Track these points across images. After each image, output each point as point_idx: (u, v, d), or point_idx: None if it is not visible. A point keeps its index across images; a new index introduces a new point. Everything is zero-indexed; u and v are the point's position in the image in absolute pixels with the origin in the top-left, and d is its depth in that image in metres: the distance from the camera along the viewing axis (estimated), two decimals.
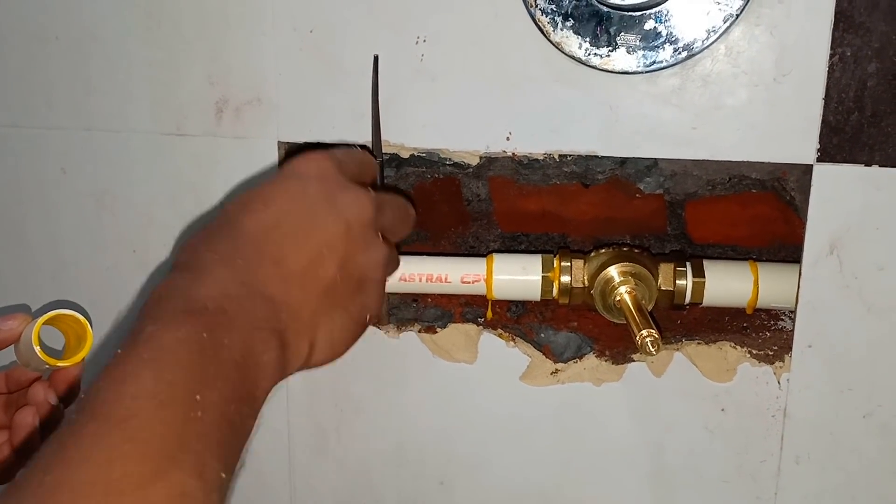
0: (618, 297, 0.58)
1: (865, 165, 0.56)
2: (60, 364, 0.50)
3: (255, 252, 0.42)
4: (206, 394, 0.35)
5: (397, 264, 0.51)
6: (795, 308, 0.59)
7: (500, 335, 0.65)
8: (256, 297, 0.40)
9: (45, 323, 0.50)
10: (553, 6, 0.56)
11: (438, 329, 0.66)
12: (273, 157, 0.64)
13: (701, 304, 0.60)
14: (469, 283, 0.61)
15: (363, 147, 0.62)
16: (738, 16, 0.55)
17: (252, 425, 0.39)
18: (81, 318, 0.50)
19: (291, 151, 0.65)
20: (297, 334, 0.42)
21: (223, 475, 0.35)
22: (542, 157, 0.61)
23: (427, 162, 0.64)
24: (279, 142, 0.63)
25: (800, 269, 0.58)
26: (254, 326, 0.39)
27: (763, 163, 0.58)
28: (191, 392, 0.35)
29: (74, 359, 0.50)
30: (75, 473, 0.32)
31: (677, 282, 0.60)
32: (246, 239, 0.42)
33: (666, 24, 0.56)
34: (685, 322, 0.65)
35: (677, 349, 0.63)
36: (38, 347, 0.49)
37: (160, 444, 0.33)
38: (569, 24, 0.57)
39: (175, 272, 0.41)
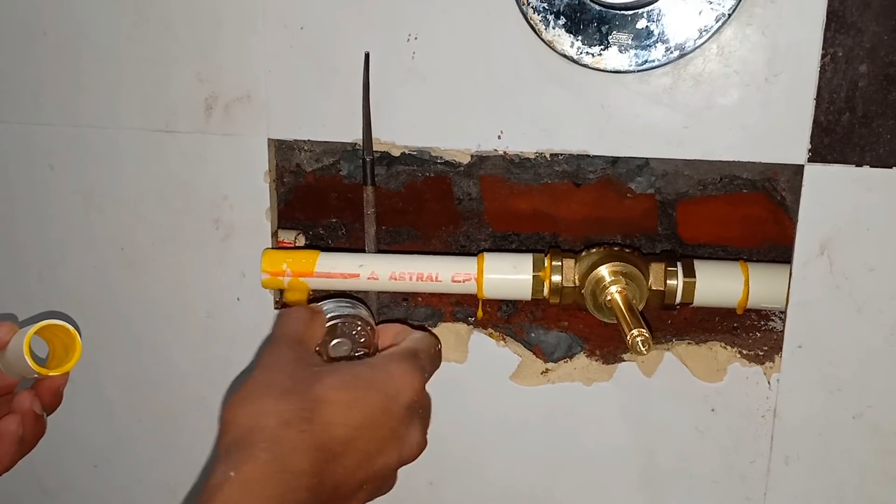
0: (608, 297, 0.58)
1: (856, 166, 0.56)
2: (51, 374, 0.50)
3: (325, 470, 0.42)
4: None
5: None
6: (786, 308, 0.59)
7: (490, 334, 0.65)
8: None
9: (35, 333, 0.49)
10: (545, 4, 0.56)
11: (429, 328, 0.66)
12: (263, 154, 0.63)
13: (691, 304, 0.60)
14: (460, 282, 0.61)
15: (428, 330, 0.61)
16: (730, 15, 0.55)
17: None
18: (71, 329, 0.50)
19: (283, 149, 0.65)
20: None
21: None
22: (533, 156, 0.61)
23: (418, 160, 0.64)
24: (269, 139, 0.63)
25: (790, 270, 0.58)
26: None
27: (754, 163, 0.58)
28: None
29: (63, 368, 0.50)
30: None
31: (668, 282, 0.60)
32: (324, 448, 0.43)
33: (658, 24, 0.55)
34: (676, 322, 0.65)
35: (668, 349, 0.63)
36: (30, 357, 0.49)
37: None
38: (561, 22, 0.56)
39: (252, 454, 0.41)
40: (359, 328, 0.52)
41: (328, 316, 0.53)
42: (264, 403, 0.43)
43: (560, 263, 0.60)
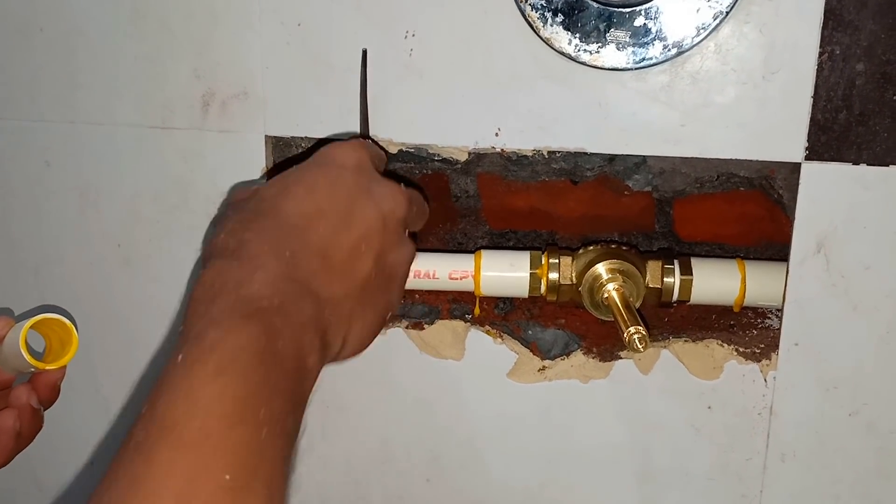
0: (605, 294, 0.58)
1: (853, 164, 0.56)
2: (48, 367, 0.50)
3: (301, 243, 0.41)
4: (269, 408, 0.34)
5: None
6: (782, 306, 0.59)
7: (487, 332, 0.65)
8: (305, 294, 0.39)
9: (31, 327, 0.49)
10: (542, 1, 0.56)
11: (426, 325, 0.66)
12: (260, 151, 0.63)
13: (688, 301, 0.60)
14: (457, 279, 0.61)
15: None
16: (727, 13, 0.55)
17: (301, 425, 0.38)
18: (68, 322, 0.50)
19: (280, 145, 0.65)
20: (335, 332, 0.41)
21: (286, 482, 0.34)
22: (530, 154, 0.61)
23: (415, 158, 0.64)
24: (266, 136, 0.63)
25: (787, 268, 0.58)
26: (303, 327, 0.38)
27: (751, 161, 0.58)
28: (256, 408, 0.34)
29: (60, 362, 0.50)
30: (161, 494, 0.31)
31: (665, 279, 0.60)
32: (291, 227, 0.41)
33: (656, 21, 0.55)
34: (672, 320, 0.65)
35: (664, 347, 0.63)
36: (26, 351, 0.49)
37: (235, 471, 0.32)
38: (559, 19, 0.56)
39: (221, 259, 0.40)
40: None
41: None
42: (220, 226, 0.43)
43: (557, 261, 0.60)
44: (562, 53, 0.57)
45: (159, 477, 0.31)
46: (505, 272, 0.61)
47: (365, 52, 0.60)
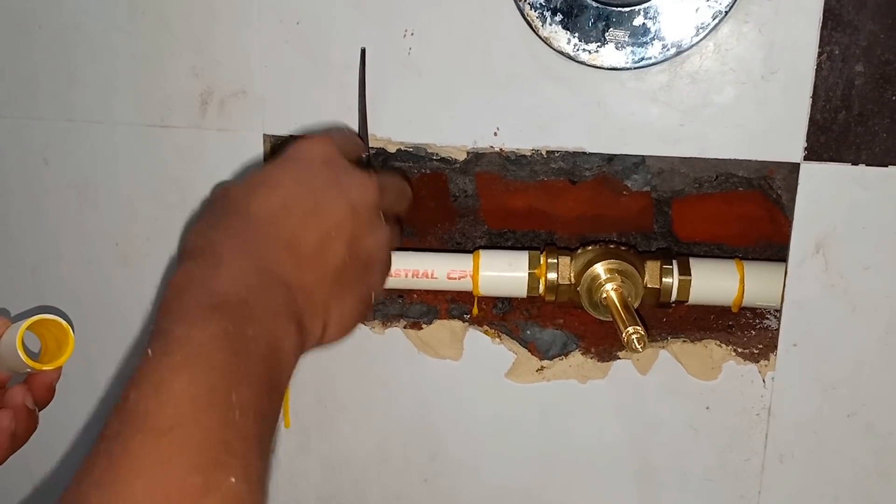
0: (604, 295, 0.58)
1: (852, 164, 0.56)
2: (44, 368, 0.50)
3: (267, 237, 0.42)
4: (241, 392, 0.35)
5: (400, 241, 0.51)
6: (781, 307, 0.59)
7: (485, 332, 0.65)
8: (273, 283, 0.40)
9: (28, 327, 0.49)
10: (542, 1, 0.56)
11: (424, 325, 0.66)
12: (258, 149, 0.63)
13: (687, 301, 0.60)
14: (455, 279, 0.61)
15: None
16: (726, 13, 0.55)
17: (279, 412, 0.39)
18: (64, 323, 0.50)
19: (277, 145, 0.65)
20: (312, 316, 0.42)
21: (263, 470, 0.35)
22: (529, 153, 0.61)
23: (414, 157, 0.64)
24: (264, 134, 0.63)
25: (786, 268, 0.58)
26: (274, 314, 0.39)
27: (750, 161, 0.58)
28: (227, 393, 0.35)
29: (57, 362, 0.50)
30: (131, 487, 0.31)
31: (663, 279, 0.60)
32: (257, 223, 0.42)
33: (655, 21, 0.55)
34: (671, 320, 0.65)
35: (663, 347, 0.63)
36: (22, 351, 0.49)
37: (208, 452, 0.33)
38: (558, 19, 0.56)
39: (190, 260, 0.41)
40: None
41: None
42: (192, 229, 0.44)
43: (556, 261, 0.60)
44: (561, 53, 0.57)
45: (134, 463, 0.32)
46: (503, 272, 0.61)
47: (363, 51, 0.60)
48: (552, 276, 0.60)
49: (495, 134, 0.60)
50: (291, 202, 0.44)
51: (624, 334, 0.54)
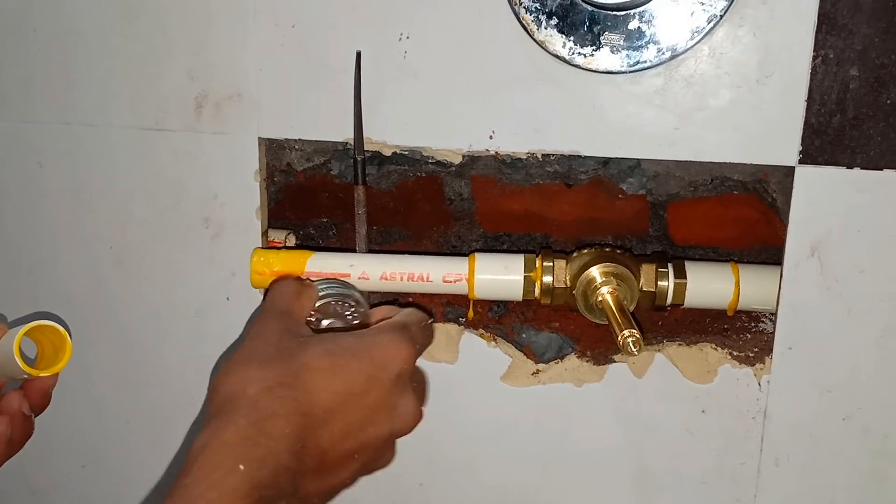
0: (600, 298, 0.58)
1: (847, 168, 0.56)
2: (41, 374, 0.50)
3: (314, 439, 0.42)
4: None
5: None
6: (776, 310, 0.59)
7: (481, 335, 0.65)
8: (292, 495, 0.41)
9: (25, 334, 0.49)
10: (537, 4, 0.56)
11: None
12: (254, 153, 0.63)
13: (682, 305, 0.60)
14: (451, 282, 0.61)
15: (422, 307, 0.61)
16: (721, 17, 0.55)
17: None
18: (62, 329, 0.50)
19: (273, 147, 0.65)
20: None
21: None
22: (525, 157, 0.61)
23: (409, 160, 0.64)
24: (259, 138, 0.63)
25: (781, 272, 0.58)
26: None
27: (745, 164, 0.58)
28: None
29: (53, 369, 0.50)
30: None
31: (659, 283, 0.60)
32: (314, 419, 0.43)
33: (650, 25, 0.55)
34: (666, 323, 0.65)
35: (658, 350, 0.63)
36: (19, 357, 0.48)
37: None
38: (553, 22, 0.56)
39: (232, 420, 0.41)
40: (352, 309, 0.52)
41: (321, 294, 0.52)
42: (248, 371, 0.43)
43: (551, 264, 0.60)
44: (556, 56, 0.57)
45: None
46: (499, 275, 0.61)
47: (359, 54, 0.60)
48: (548, 279, 0.60)
49: (491, 137, 0.60)
50: (350, 411, 0.44)
51: (620, 337, 0.54)
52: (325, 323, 0.51)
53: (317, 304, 0.52)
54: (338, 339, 0.47)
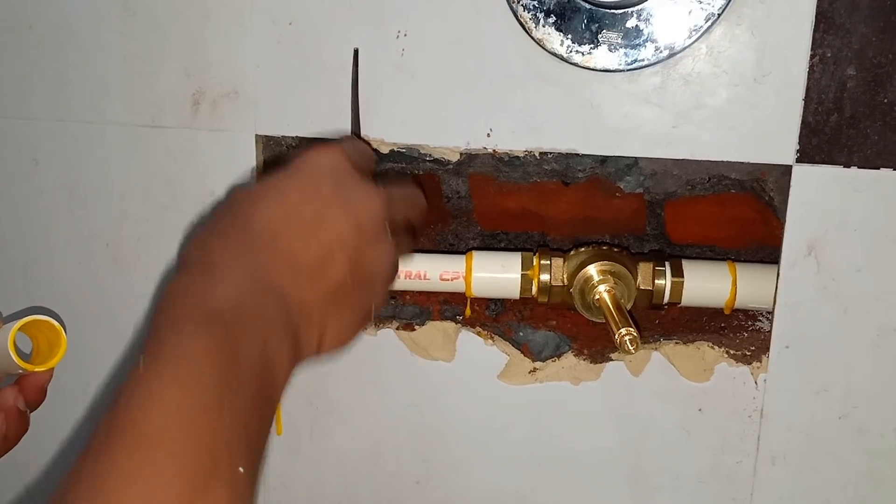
0: (597, 296, 0.58)
1: (844, 167, 0.56)
2: (37, 369, 0.49)
3: (267, 249, 0.42)
4: (231, 402, 0.35)
5: (411, 251, 0.50)
6: (773, 309, 0.59)
7: (478, 333, 0.65)
8: (270, 296, 0.40)
9: (19, 329, 0.49)
10: (535, 2, 0.56)
11: (416, 326, 0.66)
12: (250, 150, 0.63)
13: (679, 303, 0.60)
14: (448, 280, 0.61)
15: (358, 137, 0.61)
16: (719, 15, 0.55)
17: (271, 423, 0.39)
18: (56, 324, 0.50)
19: (270, 145, 0.65)
20: (307, 330, 0.42)
21: (252, 480, 0.35)
22: (522, 155, 0.61)
23: (407, 158, 0.64)
24: (257, 135, 0.63)
25: (778, 270, 0.58)
26: (269, 328, 0.39)
27: (742, 163, 0.58)
28: (217, 404, 0.35)
29: (49, 364, 0.50)
30: (120, 494, 0.31)
31: (656, 281, 0.60)
32: (257, 234, 0.42)
33: (648, 23, 0.55)
34: (663, 322, 0.65)
35: (655, 349, 0.63)
36: (14, 352, 0.48)
37: (196, 461, 0.33)
38: (551, 20, 0.56)
39: (187, 270, 0.41)
40: None
41: None
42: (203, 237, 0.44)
43: (549, 262, 0.60)
44: (554, 54, 0.57)
45: (121, 471, 0.32)
46: (496, 273, 0.61)
47: (356, 52, 0.60)
48: (545, 277, 0.60)
49: (488, 135, 0.60)
50: (294, 214, 0.43)
51: (617, 336, 0.54)
52: None
53: None
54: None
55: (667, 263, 0.60)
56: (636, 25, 0.55)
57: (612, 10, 0.55)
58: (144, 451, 0.32)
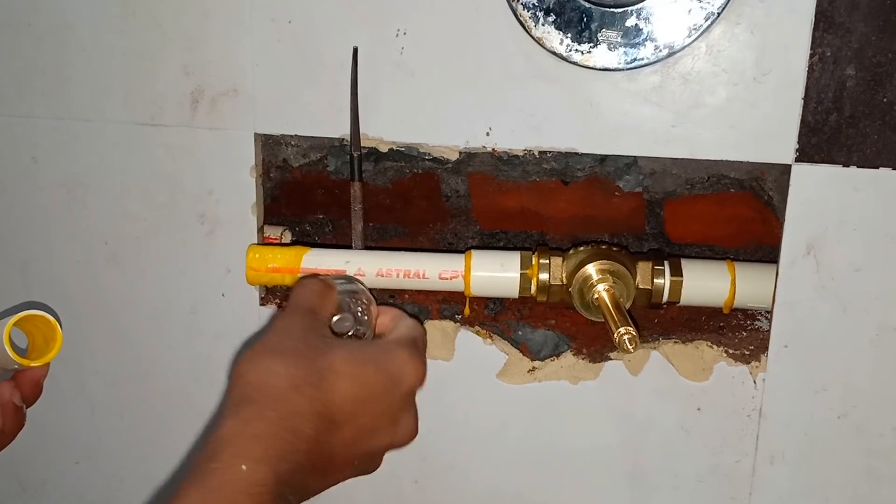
0: (596, 295, 0.58)
1: (843, 166, 0.56)
2: (32, 364, 0.49)
3: (328, 439, 0.43)
4: None
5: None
6: (772, 308, 0.59)
7: (477, 332, 0.65)
8: (299, 491, 0.42)
9: (15, 324, 0.49)
10: (534, 1, 0.56)
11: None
12: (249, 148, 0.63)
13: (678, 302, 0.60)
14: (447, 279, 0.61)
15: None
16: (719, 14, 0.55)
17: None
18: (52, 319, 0.50)
19: (269, 143, 0.65)
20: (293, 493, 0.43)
21: None
22: (521, 154, 0.61)
23: (406, 156, 0.64)
24: (255, 133, 0.63)
25: (777, 270, 0.58)
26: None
27: (742, 162, 0.58)
28: None
29: (44, 359, 0.50)
30: None
31: (655, 280, 0.60)
32: (332, 421, 0.43)
33: (647, 22, 0.55)
34: (662, 321, 0.65)
35: (654, 348, 0.63)
36: (10, 347, 0.48)
37: None
38: (550, 19, 0.56)
39: (262, 412, 0.42)
40: (363, 306, 0.52)
41: (337, 290, 0.52)
42: (275, 364, 0.44)
43: (547, 261, 0.60)
44: (553, 53, 0.57)
45: None
46: (495, 272, 0.60)
47: (356, 51, 0.60)
48: (544, 276, 0.60)
49: (487, 134, 0.60)
50: (362, 418, 0.45)
51: (615, 335, 0.54)
52: (336, 318, 0.51)
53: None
54: (363, 347, 0.48)
55: (666, 262, 0.60)
56: (636, 24, 0.55)
57: (612, 9, 0.55)
58: None
